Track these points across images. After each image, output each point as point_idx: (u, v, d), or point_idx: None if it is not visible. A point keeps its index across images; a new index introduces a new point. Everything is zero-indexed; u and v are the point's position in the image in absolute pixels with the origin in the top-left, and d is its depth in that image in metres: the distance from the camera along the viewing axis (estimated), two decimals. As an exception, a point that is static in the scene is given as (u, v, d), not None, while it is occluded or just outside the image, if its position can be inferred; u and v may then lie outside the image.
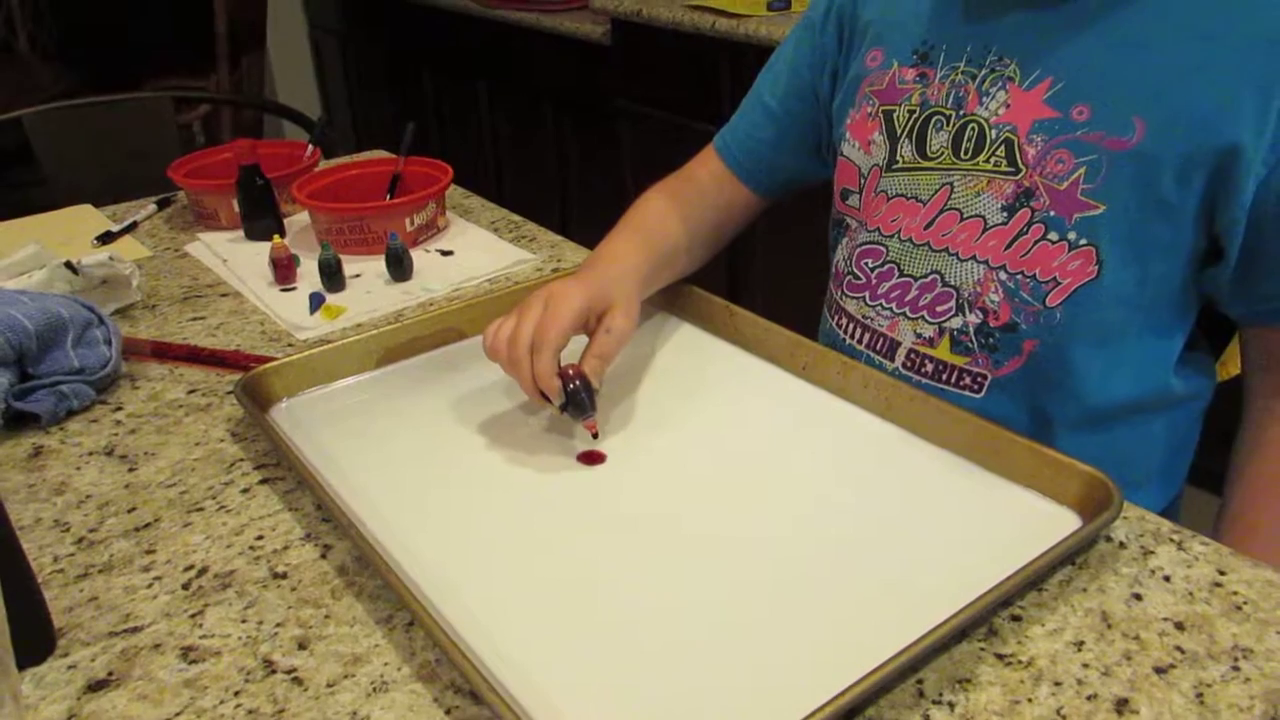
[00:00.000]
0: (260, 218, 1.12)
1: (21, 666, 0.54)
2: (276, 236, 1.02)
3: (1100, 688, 0.51)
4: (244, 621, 0.57)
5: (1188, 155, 0.68)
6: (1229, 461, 0.81)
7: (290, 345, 0.90)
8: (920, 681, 0.51)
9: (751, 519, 0.64)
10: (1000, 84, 0.75)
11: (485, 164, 3.07)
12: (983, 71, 0.76)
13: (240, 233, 1.14)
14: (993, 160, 0.75)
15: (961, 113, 0.77)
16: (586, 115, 2.55)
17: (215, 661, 0.54)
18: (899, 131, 0.80)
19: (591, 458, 0.71)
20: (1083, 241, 0.72)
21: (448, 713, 0.50)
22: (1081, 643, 0.53)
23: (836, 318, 0.89)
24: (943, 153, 0.78)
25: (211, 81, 2.96)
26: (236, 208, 1.13)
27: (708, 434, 0.74)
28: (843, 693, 0.47)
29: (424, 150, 1.20)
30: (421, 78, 3.27)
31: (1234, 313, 0.77)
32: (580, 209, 2.74)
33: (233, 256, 1.09)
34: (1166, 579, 0.58)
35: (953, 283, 0.78)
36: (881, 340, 0.84)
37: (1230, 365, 1.49)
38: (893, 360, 0.83)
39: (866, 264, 0.84)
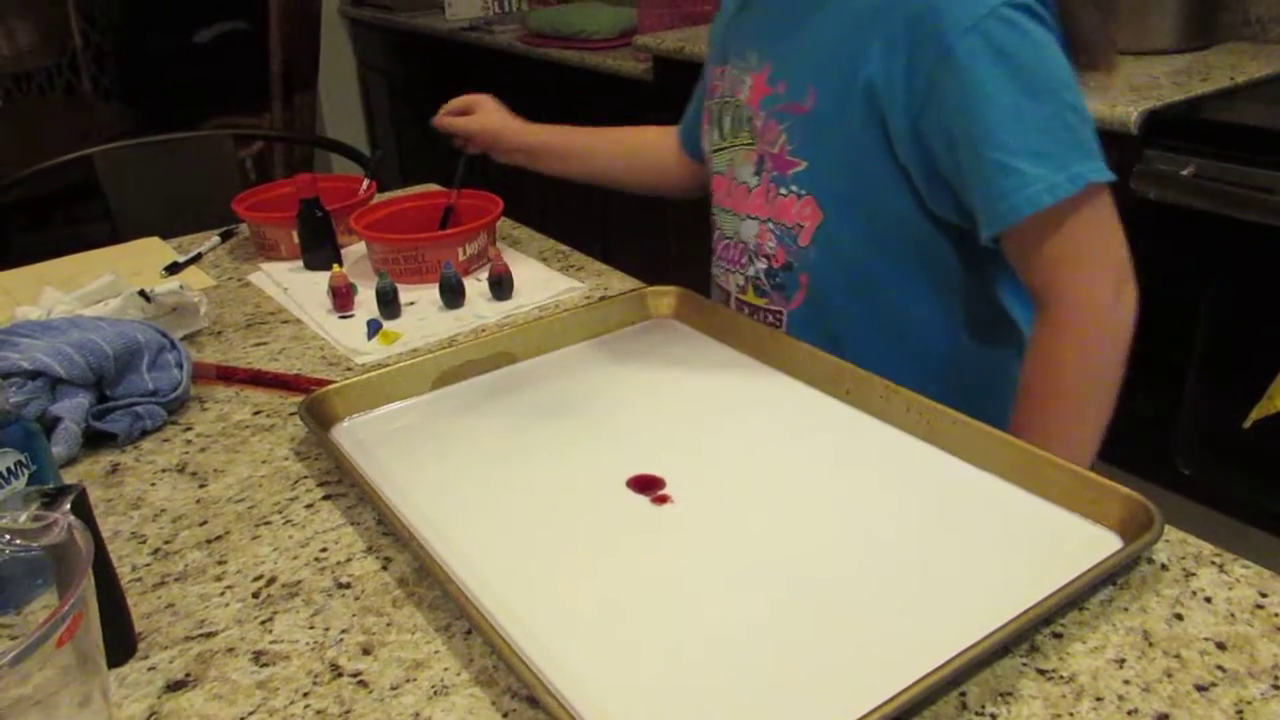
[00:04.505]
0: (319, 248, 1.16)
1: (107, 667, 0.57)
2: (335, 266, 1.06)
3: (1141, 703, 0.52)
4: (311, 628, 0.60)
5: (843, 108, 0.82)
6: None
7: (349, 369, 0.94)
8: (963, 694, 0.53)
9: (798, 538, 0.66)
10: (748, 72, 0.91)
11: (528, 197, 3.12)
12: (743, 64, 0.92)
13: (300, 263, 1.18)
14: (743, 135, 0.92)
15: (734, 99, 0.93)
16: (629, 150, 2.59)
17: (285, 665, 0.57)
18: (714, 120, 0.98)
19: (643, 484, 0.72)
20: (803, 192, 0.88)
21: (505, 716, 0.53)
22: (1123, 660, 0.55)
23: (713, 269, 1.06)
24: (728, 134, 0.95)
25: (265, 119, 3.06)
26: (296, 239, 1.18)
27: (754, 455, 0.75)
28: (888, 701, 0.48)
29: (469, 183, 1.24)
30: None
31: (983, 239, 0.83)
32: (621, 240, 2.78)
33: (293, 285, 1.13)
34: (1208, 600, 0.59)
35: (744, 238, 0.95)
36: (724, 293, 1.01)
37: (1277, 399, 1.48)
38: (729, 306, 1.00)
39: (714, 232, 1.02)
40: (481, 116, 1.18)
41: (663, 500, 0.71)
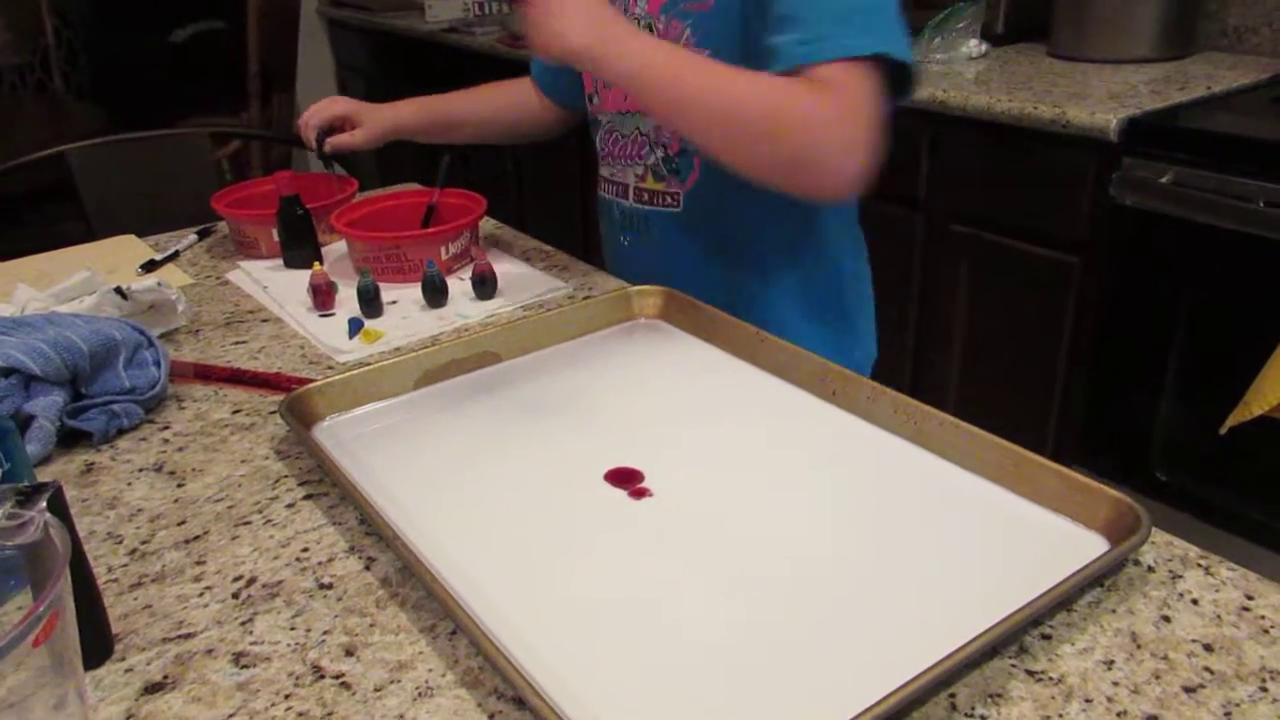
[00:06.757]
0: (300, 246, 1.15)
1: (83, 669, 0.55)
2: (316, 263, 1.05)
3: (1130, 705, 0.52)
4: (292, 629, 0.59)
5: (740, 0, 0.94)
6: None
7: (330, 368, 0.92)
8: (953, 695, 0.52)
9: (782, 537, 0.65)
10: None
11: (508, 197, 3.11)
12: None
13: (280, 261, 1.17)
14: None
15: (630, 13, 1.04)
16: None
17: (266, 666, 0.56)
18: None
19: (622, 477, 0.73)
20: None
21: (491, 717, 0.52)
22: (1111, 661, 0.54)
23: (599, 185, 1.18)
24: None
25: (242, 120, 3.03)
26: (276, 237, 1.16)
27: (737, 453, 0.75)
28: (878, 703, 0.48)
29: (451, 182, 1.24)
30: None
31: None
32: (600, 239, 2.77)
33: (273, 283, 1.12)
34: (1194, 602, 0.59)
35: (644, 131, 1.08)
36: (619, 187, 1.14)
37: (1253, 405, 1.50)
38: (627, 198, 1.13)
39: (605, 138, 1.14)
40: (367, 127, 1.25)
41: (641, 494, 0.70)
